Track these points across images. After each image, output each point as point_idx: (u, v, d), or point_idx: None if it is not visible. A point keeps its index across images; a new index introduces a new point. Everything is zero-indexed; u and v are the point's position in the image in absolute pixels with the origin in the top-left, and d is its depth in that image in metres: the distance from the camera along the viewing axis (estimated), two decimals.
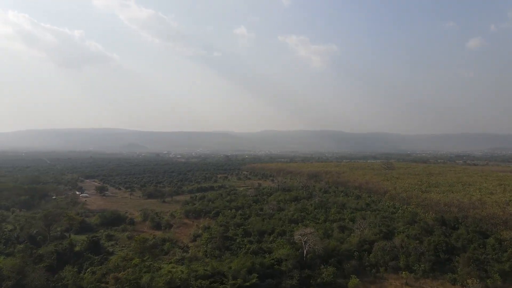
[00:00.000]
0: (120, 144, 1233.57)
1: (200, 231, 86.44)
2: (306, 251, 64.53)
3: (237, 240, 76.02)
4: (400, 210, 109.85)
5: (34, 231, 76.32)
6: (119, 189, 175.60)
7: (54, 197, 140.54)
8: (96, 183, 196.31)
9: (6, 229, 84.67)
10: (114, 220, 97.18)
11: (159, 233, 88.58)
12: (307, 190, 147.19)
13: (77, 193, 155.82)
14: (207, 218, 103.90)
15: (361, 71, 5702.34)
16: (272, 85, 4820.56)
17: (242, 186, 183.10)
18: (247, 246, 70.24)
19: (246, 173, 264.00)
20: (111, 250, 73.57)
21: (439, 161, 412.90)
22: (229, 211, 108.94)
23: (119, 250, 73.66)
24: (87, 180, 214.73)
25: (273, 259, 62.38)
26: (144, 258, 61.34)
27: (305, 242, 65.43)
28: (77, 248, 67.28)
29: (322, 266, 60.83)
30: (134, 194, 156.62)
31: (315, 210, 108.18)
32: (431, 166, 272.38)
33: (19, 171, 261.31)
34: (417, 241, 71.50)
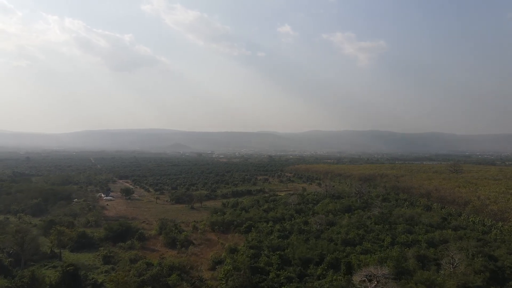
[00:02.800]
0: (166, 144, 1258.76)
1: (223, 255, 65.46)
2: None
3: (271, 275, 53.71)
4: (494, 230, 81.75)
5: (10, 251, 59.13)
6: (148, 191, 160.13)
7: (75, 199, 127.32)
8: (128, 184, 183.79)
9: None
10: (123, 233, 78.46)
11: (172, 253, 69.02)
12: (361, 198, 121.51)
13: (102, 195, 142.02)
14: (237, 234, 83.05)
15: (411, 68, 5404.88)
16: (316, 84, 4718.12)
17: (284, 190, 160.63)
18: None
19: (289, 175, 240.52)
20: (100, 281, 54.41)
21: (507, 163, 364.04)
22: (265, 224, 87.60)
23: (111, 281, 54.42)
24: (120, 181, 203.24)
25: None
26: None
27: None
28: (47, 281, 48.54)
29: None
30: (161, 198, 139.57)
31: (376, 227, 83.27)
32: (505, 168, 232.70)
33: (59, 170, 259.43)
34: None
